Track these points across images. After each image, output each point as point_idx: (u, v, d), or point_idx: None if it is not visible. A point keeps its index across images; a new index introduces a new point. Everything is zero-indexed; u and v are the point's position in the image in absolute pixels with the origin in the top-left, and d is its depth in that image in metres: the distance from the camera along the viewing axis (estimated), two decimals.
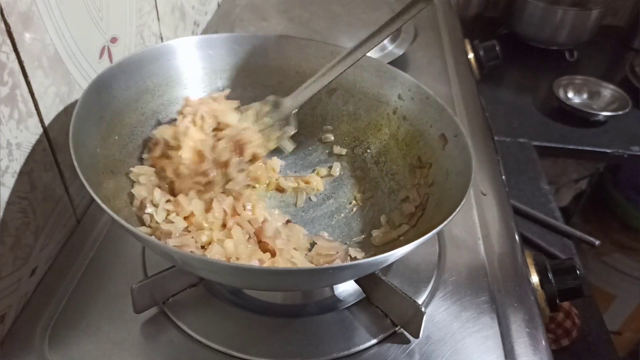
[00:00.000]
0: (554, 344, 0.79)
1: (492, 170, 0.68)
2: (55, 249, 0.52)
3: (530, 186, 1.04)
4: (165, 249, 0.38)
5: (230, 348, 0.44)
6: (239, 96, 0.60)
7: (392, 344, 0.46)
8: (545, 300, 0.54)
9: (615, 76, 1.39)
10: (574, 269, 0.56)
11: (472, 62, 1.00)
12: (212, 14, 0.94)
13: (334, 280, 0.44)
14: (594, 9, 1.38)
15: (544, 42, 1.45)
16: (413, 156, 0.55)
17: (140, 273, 0.51)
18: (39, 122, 0.47)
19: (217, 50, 0.59)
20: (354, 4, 0.92)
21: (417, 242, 0.38)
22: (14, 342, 0.45)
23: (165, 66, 0.55)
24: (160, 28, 0.71)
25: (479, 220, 0.59)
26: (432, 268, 0.53)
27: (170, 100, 0.56)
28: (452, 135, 0.50)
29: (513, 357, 0.45)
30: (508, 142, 1.14)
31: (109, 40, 0.57)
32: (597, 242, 0.94)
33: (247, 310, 0.48)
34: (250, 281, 0.43)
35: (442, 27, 1.02)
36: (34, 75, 0.45)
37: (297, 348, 0.45)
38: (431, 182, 0.51)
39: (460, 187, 0.45)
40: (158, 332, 0.46)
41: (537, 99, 1.32)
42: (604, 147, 1.16)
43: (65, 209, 0.53)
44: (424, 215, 0.50)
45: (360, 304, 0.49)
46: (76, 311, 0.47)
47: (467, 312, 0.49)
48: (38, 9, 0.44)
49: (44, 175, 0.48)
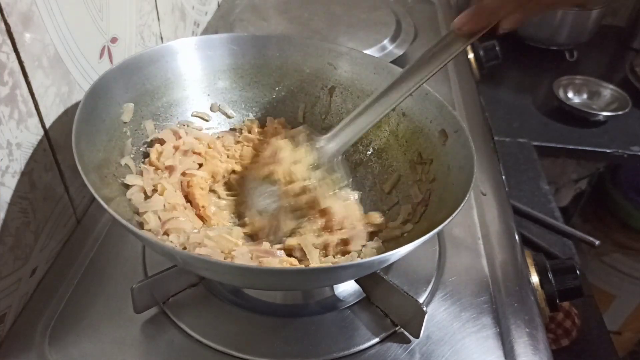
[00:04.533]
0: (554, 344, 0.79)
1: (492, 170, 0.68)
2: (55, 249, 0.52)
3: (530, 186, 1.04)
4: (166, 249, 0.38)
5: (230, 348, 0.45)
6: (239, 96, 0.61)
7: (392, 344, 0.46)
8: (545, 300, 0.54)
9: (615, 76, 1.39)
10: (573, 269, 0.56)
11: (472, 62, 1.00)
12: (212, 14, 0.94)
13: (335, 279, 0.44)
14: (594, 9, 1.38)
15: (543, 42, 1.45)
16: (413, 152, 0.55)
17: (140, 273, 0.51)
18: (39, 122, 0.47)
19: (216, 51, 0.59)
20: (354, 4, 0.92)
21: (420, 241, 0.38)
22: (14, 342, 0.45)
23: (163, 68, 0.55)
24: (161, 28, 0.71)
25: (479, 220, 0.59)
26: (432, 268, 0.53)
27: (170, 102, 0.56)
28: (453, 131, 0.50)
29: (513, 357, 0.45)
30: (508, 142, 1.14)
31: (109, 40, 0.57)
32: (597, 242, 0.94)
33: (247, 310, 0.48)
34: (250, 281, 0.43)
35: (442, 27, 1.02)
36: (34, 76, 0.45)
37: (297, 348, 0.45)
38: (433, 178, 0.51)
39: (462, 183, 0.45)
40: (158, 332, 0.46)
41: (537, 99, 1.31)
42: (604, 147, 1.16)
43: (66, 209, 0.53)
44: (426, 212, 0.50)
45: (360, 303, 0.49)
46: (76, 311, 0.47)
47: (467, 312, 0.49)
48: (38, 9, 0.44)
49: (44, 175, 0.48)
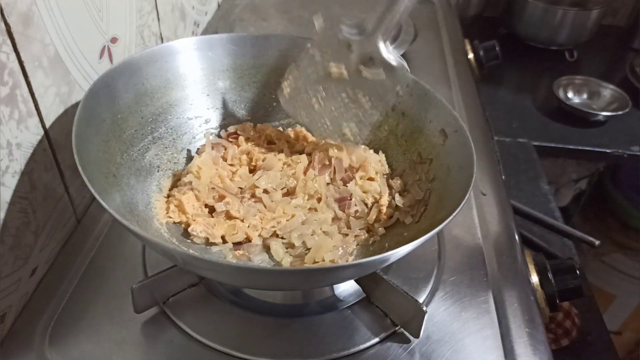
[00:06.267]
0: (554, 344, 0.79)
1: (492, 170, 0.68)
2: (55, 249, 0.52)
3: (530, 186, 1.04)
4: (167, 249, 0.38)
5: (230, 348, 0.44)
6: (239, 96, 0.61)
7: (392, 344, 0.46)
8: (545, 300, 0.54)
9: (615, 76, 1.39)
10: (573, 269, 0.56)
11: (472, 62, 1.00)
12: (212, 14, 0.94)
13: (335, 279, 0.44)
14: (594, 9, 1.38)
15: (543, 42, 1.45)
16: (413, 152, 0.55)
17: (141, 273, 0.51)
18: (39, 122, 0.47)
19: (215, 51, 0.58)
20: (354, 4, 0.92)
21: (420, 241, 0.38)
22: (14, 342, 0.45)
23: (163, 68, 0.55)
24: (161, 28, 0.71)
25: (479, 220, 0.59)
26: (431, 268, 0.53)
27: (170, 102, 0.56)
28: (452, 131, 0.50)
29: (513, 357, 0.45)
30: (508, 142, 1.14)
31: (109, 40, 0.57)
32: (597, 242, 0.94)
33: (247, 310, 0.48)
34: (250, 280, 0.43)
35: (442, 27, 1.02)
36: (34, 76, 0.45)
37: (297, 348, 0.45)
38: (432, 178, 0.51)
39: (462, 183, 0.45)
40: (158, 332, 0.46)
41: (537, 99, 1.31)
42: (604, 147, 1.16)
43: (66, 209, 0.53)
44: (426, 211, 0.50)
45: (360, 303, 0.49)
46: (76, 311, 0.47)
47: (467, 312, 0.49)
48: (38, 9, 0.44)
49: (44, 175, 0.48)
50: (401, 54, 0.81)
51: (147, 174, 0.53)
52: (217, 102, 0.60)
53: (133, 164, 0.51)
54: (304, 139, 0.59)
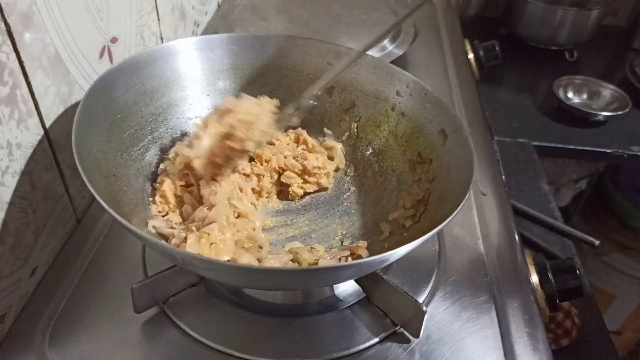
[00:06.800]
0: (554, 344, 0.79)
1: (492, 170, 0.68)
2: (55, 249, 0.52)
3: (530, 186, 1.04)
4: (167, 249, 0.38)
5: (230, 348, 0.45)
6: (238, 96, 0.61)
7: (392, 344, 0.46)
8: (545, 300, 0.54)
9: (615, 76, 1.39)
10: (573, 269, 0.56)
11: (472, 62, 1.00)
12: (212, 14, 0.94)
13: (335, 279, 0.44)
14: (594, 9, 1.37)
15: (543, 42, 1.45)
16: (413, 152, 0.55)
17: (141, 273, 0.51)
18: (39, 122, 0.47)
19: (215, 51, 0.59)
20: (354, 4, 0.92)
21: (420, 240, 0.38)
22: (14, 342, 0.45)
23: (162, 68, 0.55)
24: (161, 28, 0.71)
25: (478, 220, 0.59)
26: (431, 268, 0.53)
27: (169, 102, 0.56)
28: (452, 131, 0.50)
29: (513, 357, 0.45)
30: (508, 142, 1.14)
31: (109, 40, 0.57)
32: (597, 242, 0.94)
33: (247, 310, 0.48)
34: (250, 280, 0.43)
35: (442, 27, 1.02)
36: (34, 75, 0.45)
37: (297, 348, 0.45)
38: (432, 178, 0.51)
39: (462, 183, 0.45)
40: (158, 332, 0.46)
41: (537, 99, 1.31)
42: (604, 147, 1.15)
43: (66, 209, 0.53)
44: (426, 211, 0.50)
45: (360, 303, 0.49)
46: (76, 311, 0.47)
47: (467, 312, 0.49)
48: (38, 9, 0.44)
49: (44, 175, 0.48)
50: (401, 54, 0.81)
51: (147, 173, 0.53)
52: (217, 102, 0.60)
53: (133, 164, 0.51)
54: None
